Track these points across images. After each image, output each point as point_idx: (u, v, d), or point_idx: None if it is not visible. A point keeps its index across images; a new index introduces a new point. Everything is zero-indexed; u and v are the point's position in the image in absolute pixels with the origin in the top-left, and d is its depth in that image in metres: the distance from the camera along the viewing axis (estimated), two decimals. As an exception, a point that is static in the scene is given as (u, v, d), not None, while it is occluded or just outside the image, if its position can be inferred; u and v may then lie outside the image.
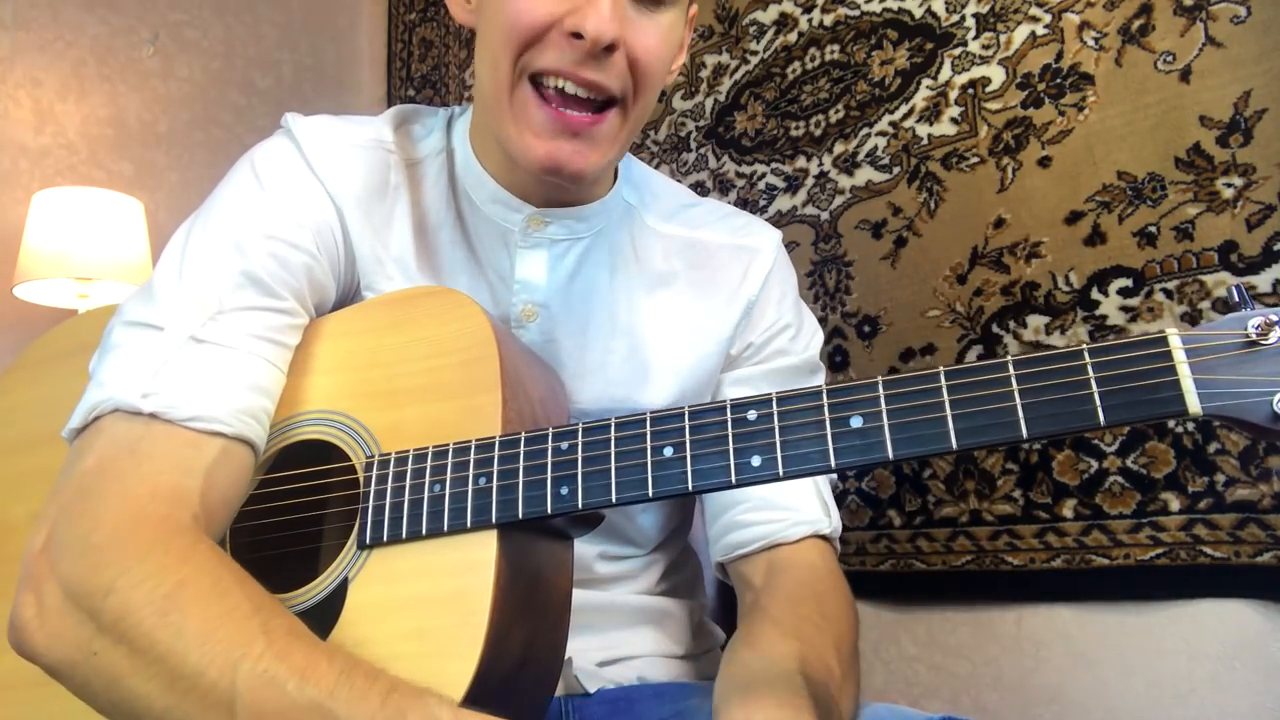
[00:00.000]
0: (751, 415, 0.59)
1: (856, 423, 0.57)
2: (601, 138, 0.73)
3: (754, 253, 0.88)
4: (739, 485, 0.59)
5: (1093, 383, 0.53)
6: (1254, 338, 0.51)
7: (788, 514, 0.82)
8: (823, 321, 1.51)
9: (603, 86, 0.71)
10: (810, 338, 0.90)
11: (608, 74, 0.71)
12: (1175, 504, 1.14)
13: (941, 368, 0.56)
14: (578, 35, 0.69)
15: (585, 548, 0.83)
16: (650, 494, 0.60)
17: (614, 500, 0.61)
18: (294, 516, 0.74)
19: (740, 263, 0.87)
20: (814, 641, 0.71)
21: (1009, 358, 0.55)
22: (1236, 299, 0.53)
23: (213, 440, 0.67)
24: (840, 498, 1.45)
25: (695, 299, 0.86)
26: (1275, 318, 0.51)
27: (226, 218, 0.75)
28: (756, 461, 0.58)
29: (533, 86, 0.72)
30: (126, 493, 0.64)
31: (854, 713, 0.72)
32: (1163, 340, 0.52)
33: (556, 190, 0.80)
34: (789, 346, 0.88)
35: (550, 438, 0.64)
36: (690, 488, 0.59)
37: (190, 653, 0.56)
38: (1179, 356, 0.52)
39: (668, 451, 0.60)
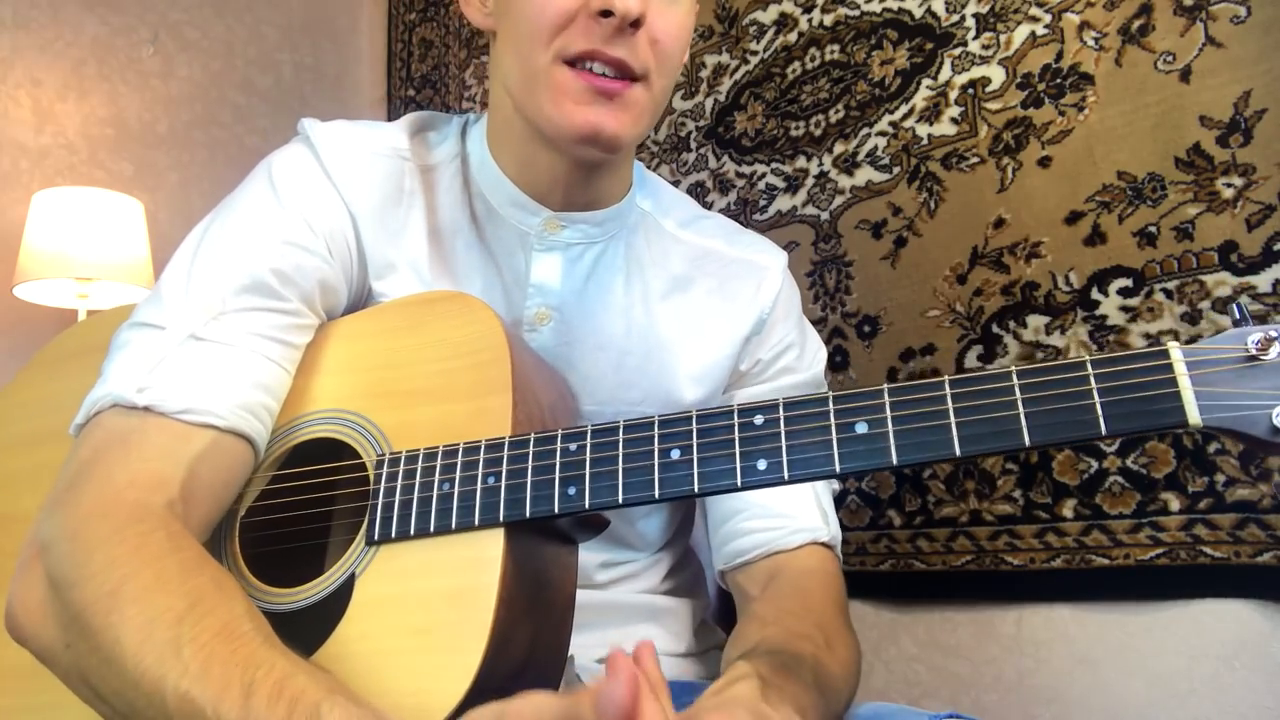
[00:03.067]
0: (758, 420, 0.60)
1: (862, 429, 0.57)
2: (632, 104, 0.75)
3: (765, 270, 0.89)
4: (745, 488, 0.59)
5: (1095, 393, 0.54)
6: (1254, 353, 0.53)
7: (787, 521, 0.83)
8: (823, 321, 1.51)
9: (627, 64, 0.73)
10: (814, 355, 0.92)
11: (632, 51, 0.73)
12: (1175, 504, 1.14)
13: (946, 377, 0.57)
14: (605, 13, 0.71)
15: (587, 557, 0.83)
16: (657, 495, 0.61)
17: (620, 501, 0.61)
18: (304, 512, 0.74)
19: (753, 277, 0.89)
20: (792, 626, 0.72)
21: (1013, 368, 0.56)
22: (1238, 316, 0.55)
23: (204, 432, 0.68)
24: (840, 498, 1.45)
25: (710, 304, 0.87)
26: (1275, 333, 0.52)
27: (239, 223, 0.76)
28: (762, 465, 0.59)
29: (566, 66, 0.74)
30: (109, 481, 0.65)
31: (848, 676, 0.73)
32: (1164, 353, 0.53)
33: (580, 183, 0.81)
34: (795, 364, 0.90)
35: (559, 439, 0.64)
36: (696, 490, 0.60)
37: (127, 661, 0.56)
38: (1180, 369, 0.53)
39: (675, 454, 0.61)
